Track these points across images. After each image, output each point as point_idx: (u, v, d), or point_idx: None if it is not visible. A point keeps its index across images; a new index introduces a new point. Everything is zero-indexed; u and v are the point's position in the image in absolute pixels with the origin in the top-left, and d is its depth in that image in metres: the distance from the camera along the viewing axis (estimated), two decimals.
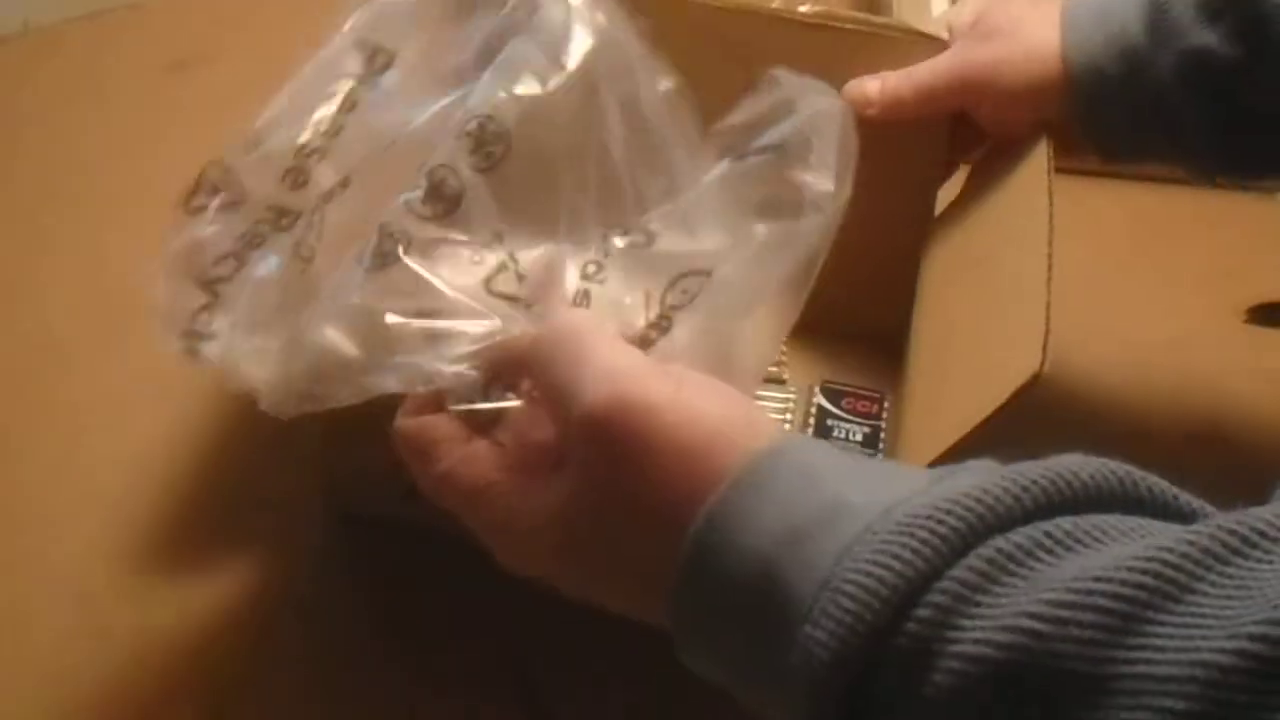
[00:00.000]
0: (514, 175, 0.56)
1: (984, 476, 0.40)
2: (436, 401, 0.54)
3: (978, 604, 0.37)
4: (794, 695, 0.40)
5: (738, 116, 0.60)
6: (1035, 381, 0.58)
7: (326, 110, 0.61)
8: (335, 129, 0.61)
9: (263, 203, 0.60)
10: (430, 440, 0.53)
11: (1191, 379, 0.88)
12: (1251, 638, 0.32)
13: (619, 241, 0.58)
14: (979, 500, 0.39)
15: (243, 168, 0.61)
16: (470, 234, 0.56)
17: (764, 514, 0.43)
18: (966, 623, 0.37)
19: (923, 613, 0.38)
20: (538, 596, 0.72)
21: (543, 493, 0.49)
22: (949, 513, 0.39)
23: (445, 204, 0.56)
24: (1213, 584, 0.35)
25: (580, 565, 0.50)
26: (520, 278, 0.57)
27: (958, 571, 0.38)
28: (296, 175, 0.60)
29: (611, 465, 0.47)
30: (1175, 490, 0.41)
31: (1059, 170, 0.72)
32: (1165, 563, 0.35)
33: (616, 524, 0.47)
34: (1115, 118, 0.73)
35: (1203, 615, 0.34)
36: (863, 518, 0.41)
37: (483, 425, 0.52)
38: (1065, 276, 0.64)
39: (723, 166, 0.60)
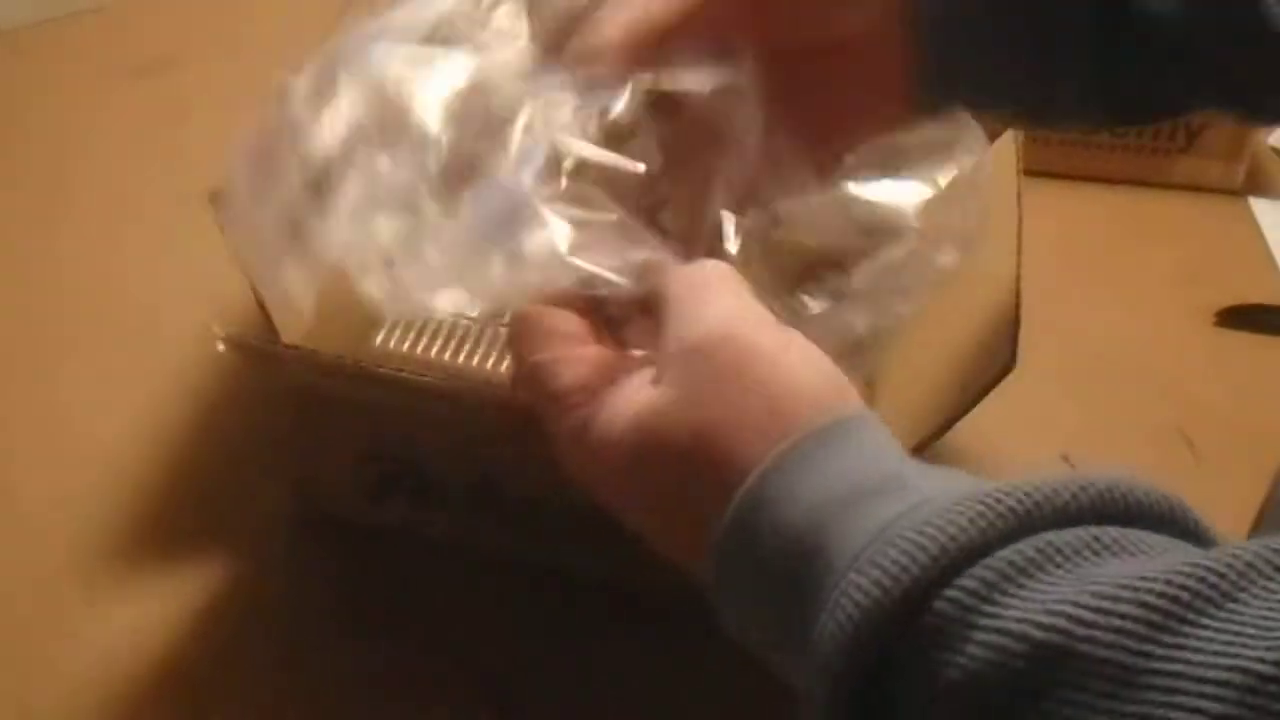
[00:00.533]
0: (675, 133, 0.57)
1: (1041, 478, 0.41)
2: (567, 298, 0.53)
3: (1022, 585, 0.37)
4: (827, 641, 0.40)
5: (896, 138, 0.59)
6: (1004, 376, 0.58)
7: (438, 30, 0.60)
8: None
9: (378, 93, 0.58)
10: (545, 328, 0.52)
11: (1160, 382, 0.88)
12: None
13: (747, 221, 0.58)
14: (1037, 490, 0.39)
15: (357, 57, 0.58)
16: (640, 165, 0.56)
17: (830, 469, 0.44)
18: (1010, 600, 0.37)
19: (968, 583, 0.38)
20: (509, 604, 0.72)
21: (626, 400, 0.49)
22: (1008, 494, 0.39)
23: (617, 136, 0.55)
24: (1255, 595, 0.35)
25: (641, 486, 0.49)
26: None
27: (1007, 553, 0.38)
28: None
29: (700, 388, 0.47)
30: (1216, 534, 0.41)
31: (1028, 173, 0.72)
32: (1210, 569, 0.35)
33: (689, 446, 0.47)
34: (972, 25, 0.58)
35: (1244, 623, 0.34)
36: (923, 493, 0.42)
37: (602, 330, 0.53)
38: (1034, 278, 0.64)
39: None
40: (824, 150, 0.60)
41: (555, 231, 0.53)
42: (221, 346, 0.63)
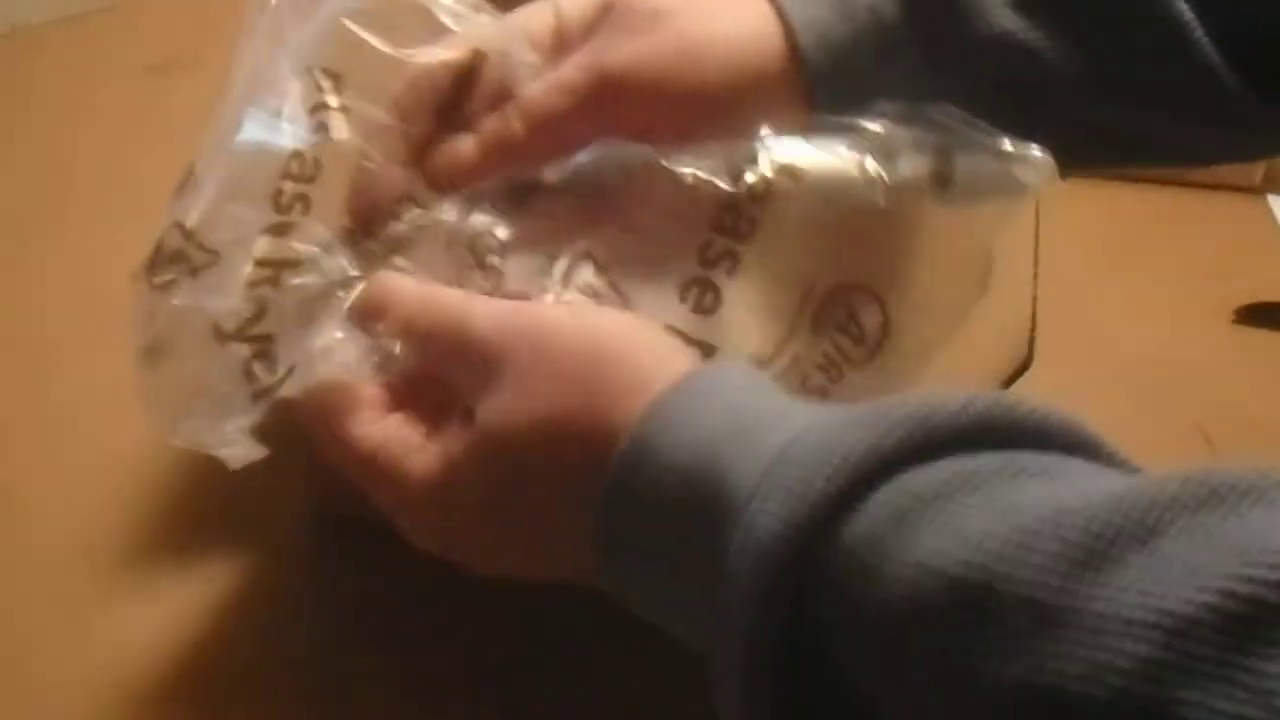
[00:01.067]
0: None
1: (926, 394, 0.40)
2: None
3: (935, 514, 0.37)
4: (743, 575, 0.39)
5: None
6: (1021, 373, 0.58)
7: (288, 146, 0.54)
8: (310, 172, 0.54)
9: (247, 263, 0.54)
10: (338, 404, 0.52)
11: (1179, 380, 0.88)
12: (1219, 592, 0.31)
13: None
14: (925, 401, 0.39)
15: (205, 228, 0.54)
16: None
17: (708, 410, 0.42)
18: (924, 529, 0.36)
19: (878, 509, 0.37)
20: (517, 604, 0.72)
21: (448, 436, 0.48)
22: (917, 410, 0.38)
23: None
24: (1179, 531, 0.34)
25: (498, 501, 0.48)
26: None
27: (918, 478, 0.38)
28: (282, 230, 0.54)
29: (525, 380, 0.46)
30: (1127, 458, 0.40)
31: None
32: (1134, 505, 0.34)
33: (541, 434, 0.46)
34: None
35: (1169, 562, 0.33)
36: (809, 417, 0.41)
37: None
38: (1051, 277, 0.64)
39: None
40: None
41: None
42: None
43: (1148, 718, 0.31)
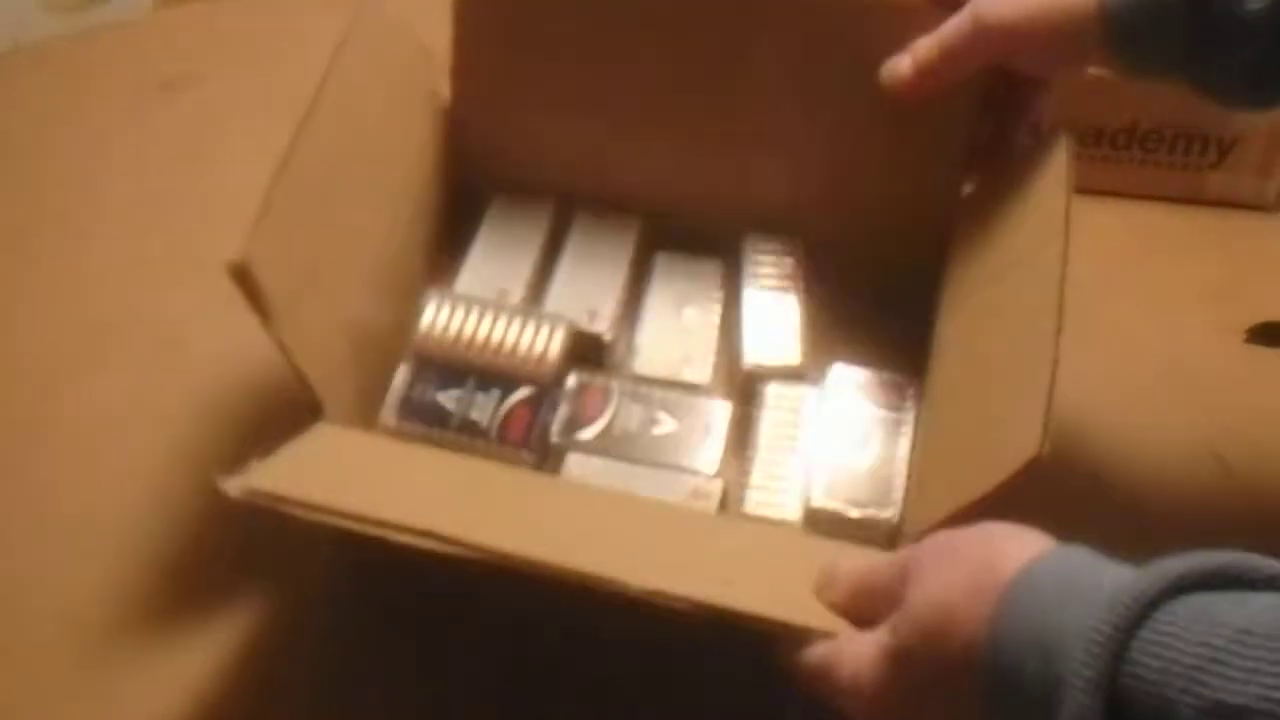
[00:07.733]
0: None
1: None
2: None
3: None
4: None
5: None
6: (1034, 464, 0.59)
7: None
8: None
9: None
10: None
11: (1190, 400, 0.88)
12: None
13: None
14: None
15: None
16: None
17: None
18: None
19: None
20: (547, 645, 0.71)
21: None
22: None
23: None
24: None
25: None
26: None
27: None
28: None
29: (926, 572, 0.55)
30: None
31: None
32: None
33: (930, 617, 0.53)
34: (1159, 56, 0.71)
35: None
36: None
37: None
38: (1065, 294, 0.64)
39: None
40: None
41: None
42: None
43: None
